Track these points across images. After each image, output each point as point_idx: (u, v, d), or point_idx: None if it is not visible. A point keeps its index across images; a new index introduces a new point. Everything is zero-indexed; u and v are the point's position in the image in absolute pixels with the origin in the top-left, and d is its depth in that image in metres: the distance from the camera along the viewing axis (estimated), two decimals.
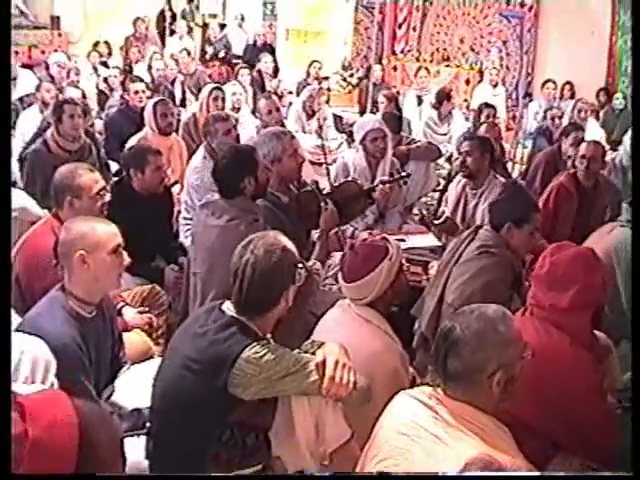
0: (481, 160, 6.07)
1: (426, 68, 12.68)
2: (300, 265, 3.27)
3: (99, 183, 4.48)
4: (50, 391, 2.28)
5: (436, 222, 5.79)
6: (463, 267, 4.54)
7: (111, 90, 10.88)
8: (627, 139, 7.60)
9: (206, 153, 6.32)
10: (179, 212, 6.35)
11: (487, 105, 9.20)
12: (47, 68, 11.04)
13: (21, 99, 9.27)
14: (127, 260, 3.63)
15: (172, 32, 15.36)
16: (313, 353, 3.17)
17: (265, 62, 12.73)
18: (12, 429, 2.01)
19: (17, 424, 2.03)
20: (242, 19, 15.72)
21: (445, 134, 10.49)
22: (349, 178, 6.17)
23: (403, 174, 6.28)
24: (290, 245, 3.25)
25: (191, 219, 5.82)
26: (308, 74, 12.72)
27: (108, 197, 4.53)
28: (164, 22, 15.77)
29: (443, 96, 10.60)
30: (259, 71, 12.53)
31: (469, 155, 6.07)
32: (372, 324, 3.59)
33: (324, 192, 5.41)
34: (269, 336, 3.25)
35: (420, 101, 12.00)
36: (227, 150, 4.92)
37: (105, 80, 11.20)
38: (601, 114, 11.47)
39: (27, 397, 2.19)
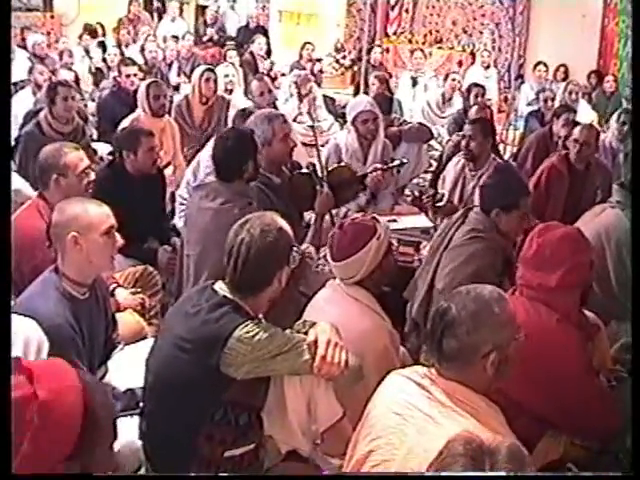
0: (484, 143, 6.13)
1: (421, 50, 12.72)
2: (295, 248, 3.29)
3: (84, 161, 4.51)
4: (52, 359, 2.32)
5: (438, 204, 5.81)
6: (453, 253, 4.53)
7: (109, 69, 10.85)
8: (613, 121, 7.62)
9: None
10: (172, 193, 6.36)
11: (476, 85, 9.23)
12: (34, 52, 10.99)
13: (15, 83, 9.23)
14: (120, 241, 3.64)
15: (159, 15, 15.25)
16: (305, 333, 3.19)
17: (259, 44, 12.70)
18: (17, 391, 2.05)
19: (24, 386, 2.07)
20: (234, 0, 15.65)
21: (444, 117, 10.50)
22: (342, 162, 6.18)
23: (397, 162, 6.28)
24: (286, 227, 3.26)
25: None
26: (301, 56, 12.71)
27: (93, 176, 4.55)
28: (152, 4, 15.66)
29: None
30: (252, 53, 12.50)
31: (472, 139, 6.11)
32: (361, 303, 3.61)
33: (318, 175, 5.42)
34: (261, 317, 3.26)
35: (415, 83, 12.03)
36: (229, 133, 4.92)
37: (104, 60, 11.18)
38: (593, 96, 11.49)
39: (33, 362, 2.25)
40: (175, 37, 12.77)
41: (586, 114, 10.10)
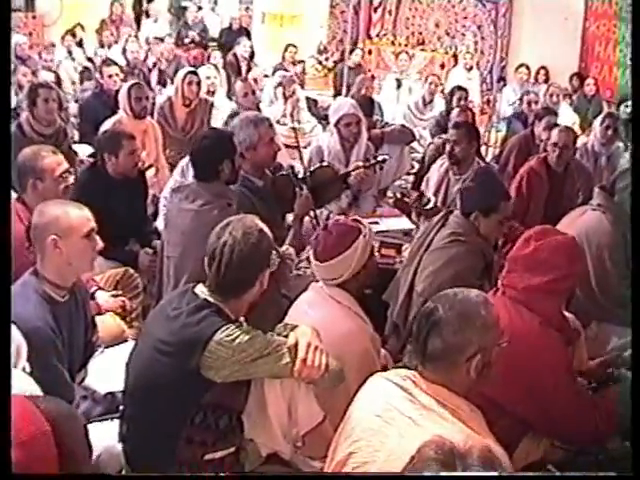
0: (468, 148, 6.17)
1: (406, 52, 12.77)
2: (274, 250, 3.29)
3: (62, 165, 4.47)
4: (14, 402, 2.23)
5: (426, 208, 5.83)
6: (433, 255, 4.54)
7: (86, 69, 10.82)
8: (596, 125, 7.62)
9: None
10: (154, 196, 6.34)
11: (459, 88, 9.26)
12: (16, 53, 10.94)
13: None
14: (100, 244, 3.62)
15: (146, 15, 15.21)
16: (286, 336, 3.19)
17: (243, 46, 12.67)
18: None
19: None
20: (215, 2, 15.64)
21: (425, 120, 10.53)
22: (324, 162, 6.17)
23: (379, 159, 6.28)
24: (266, 229, 3.26)
25: None
26: (284, 58, 12.71)
27: (71, 180, 4.52)
28: (140, 5, 15.61)
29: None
30: (235, 55, 12.48)
31: (457, 144, 6.14)
32: (343, 305, 3.59)
33: (299, 176, 5.41)
34: (242, 320, 3.26)
35: (399, 85, 12.06)
36: (207, 133, 4.91)
37: (90, 59, 11.15)
38: (574, 99, 11.55)
39: None
40: (157, 38, 12.73)
41: (568, 116, 10.14)
